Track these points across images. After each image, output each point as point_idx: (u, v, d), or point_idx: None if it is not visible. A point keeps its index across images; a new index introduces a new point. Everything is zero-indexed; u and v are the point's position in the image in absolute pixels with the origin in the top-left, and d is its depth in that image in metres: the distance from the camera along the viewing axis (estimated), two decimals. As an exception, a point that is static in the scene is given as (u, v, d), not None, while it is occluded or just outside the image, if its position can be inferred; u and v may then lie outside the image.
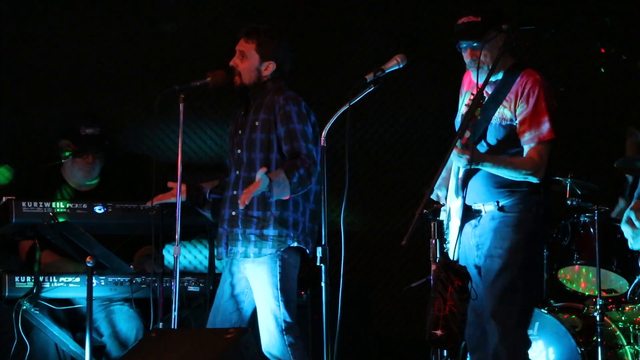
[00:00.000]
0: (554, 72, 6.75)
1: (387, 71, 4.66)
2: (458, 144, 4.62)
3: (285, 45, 5.23)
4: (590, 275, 6.12)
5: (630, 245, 4.51)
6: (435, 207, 4.42)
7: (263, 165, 5.08)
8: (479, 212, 4.66)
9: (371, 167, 6.77)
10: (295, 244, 5.09)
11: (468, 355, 4.98)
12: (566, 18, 6.77)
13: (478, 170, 4.69)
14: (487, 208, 4.67)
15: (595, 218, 5.85)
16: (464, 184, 4.77)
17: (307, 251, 5.19)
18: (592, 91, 6.86)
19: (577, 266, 6.07)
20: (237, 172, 5.15)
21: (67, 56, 6.41)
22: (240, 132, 5.18)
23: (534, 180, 4.64)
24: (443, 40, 5.02)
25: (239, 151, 5.16)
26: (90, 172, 6.04)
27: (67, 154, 5.93)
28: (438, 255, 4.39)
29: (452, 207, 4.83)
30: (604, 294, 5.85)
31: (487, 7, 4.83)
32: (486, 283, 4.57)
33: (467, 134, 4.67)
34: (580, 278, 6.22)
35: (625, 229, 4.46)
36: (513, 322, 4.61)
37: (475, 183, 4.65)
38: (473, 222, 4.67)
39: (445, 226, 4.87)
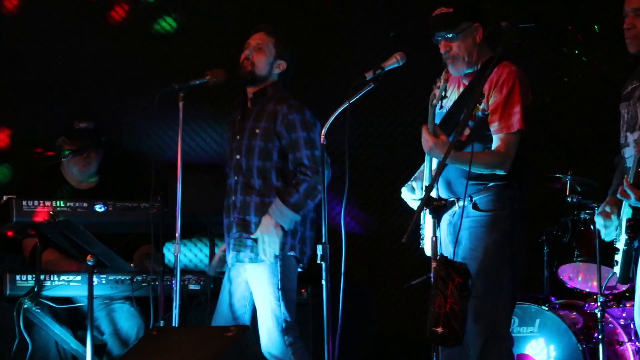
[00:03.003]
0: (555, 68, 6.74)
1: (386, 69, 4.64)
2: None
3: (296, 53, 5.30)
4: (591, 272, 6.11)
5: (602, 236, 4.55)
6: (436, 205, 4.34)
7: (261, 174, 5.11)
8: (452, 205, 4.62)
9: (371, 165, 6.78)
10: (292, 253, 5.11)
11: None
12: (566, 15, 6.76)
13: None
14: (461, 204, 4.63)
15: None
16: (437, 175, 4.70)
17: (303, 262, 5.19)
18: (592, 88, 6.83)
19: (578, 263, 6.05)
20: (236, 178, 5.15)
21: (67, 55, 6.43)
22: (238, 137, 5.19)
23: (500, 172, 4.61)
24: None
25: (237, 157, 5.17)
26: (86, 166, 6.05)
27: (66, 152, 5.97)
28: (438, 252, 4.32)
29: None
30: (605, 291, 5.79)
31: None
32: None
33: (467, 131, 4.64)
34: (580, 275, 6.21)
35: (598, 220, 4.50)
36: (498, 322, 4.61)
37: (447, 175, 4.64)
38: (447, 217, 4.63)
39: (422, 220, 4.84)
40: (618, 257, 4.46)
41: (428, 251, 4.67)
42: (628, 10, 4.45)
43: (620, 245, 4.44)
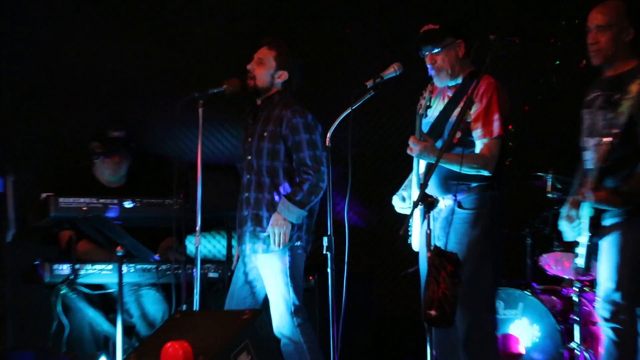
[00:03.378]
0: (538, 69, 6.72)
1: (385, 78, 4.74)
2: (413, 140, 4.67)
3: (298, 63, 5.35)
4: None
5: (565, 238, 4.75)
6: (430, 201, 4.46)
7: (270, 173, 5.18)
8: (438, 203, 4.70)
9: (372, 166, 6.79)
10: (299, 243, 5.18)
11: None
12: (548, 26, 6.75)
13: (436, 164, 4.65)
14: (446, 202, 4.74)
15: (574, 210, 5.81)
16: (429, 175, 4.62)
17: (307, 250, 5.25)
18: (572, 91, 6.71)
19: (557, 252, 6.11)
20: (249, 176, 5.25)
21: (98, 67, 6.49)
22: (250, 139, 5.27)
23: (485, 173, 4.71)
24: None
25: (249, 157, 5.25)
26: (117, 170, 6.12)
27: (99, 158, 6.05)
28: (432, 243, 4.42)
29: (415, 198, 4.68)
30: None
31: (447, 17, 4.95)
32: None
33: (459, 134, 4.70)
34: (559, 263, 6.25)
35: (564, 224, 4.71)
36: (481, 307, 4.70)
37: (433, 176, 4.68)
38: (433, 214, 4.65)
39: (410, 221, 4.89)
40: (580, 250, 4.63)
41: (415, 247, 4.88)
42: (592, 26, 4.62)
43: (583, 240, 4.59)
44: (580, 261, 4.66)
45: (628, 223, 4.53)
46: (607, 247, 4.56)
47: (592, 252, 4.61)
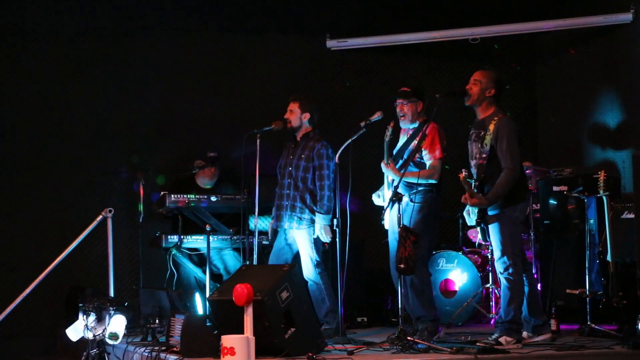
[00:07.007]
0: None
1: (372, 120, 4.89)
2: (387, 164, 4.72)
3: (315, 106, 5.40)
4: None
5: (467, 223, 4.77)
6: (399, 197, 4.57)
7: (303, 181, 5.15)
8: (401, 199, 4.72)
9: (364, 173, 6.59)
10: None
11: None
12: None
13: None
14: (405, 199, 4.87)
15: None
16: (392, 182, 4.86)
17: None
18: None
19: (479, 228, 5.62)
20: (289, 180, 5.31)
21: (195, 114, 6.59)
22: (291, 157, 5.35)
23: (433, 182, 4.89)
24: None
25: (290, 169, 5.32)
26: (212, 177, 6.17)
27: (194, 169, 6.08)
28: (402, 223, 4.53)
29: (386, 196, 5.02)
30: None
31: (416, 84, 4.99)
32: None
33: (417, 155, 4.80)
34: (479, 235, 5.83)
35: (465, 215, 4.76)
36: (419, 262, 4.71)
37: (401, 183, 4.73)
38: (401, 204, 4.70)
39: (384, 209, 4.90)
40: (478, 229, 4.69)
41: (386, 226, 4.97)
42: (471, 79, 4.63)
43: (475, 223, 4.69)
44: (479, 236, 4.84)
45: (502, 212, 4.61)
46: (492, 229, 4.67)
47: (485, 231, 4.68)
